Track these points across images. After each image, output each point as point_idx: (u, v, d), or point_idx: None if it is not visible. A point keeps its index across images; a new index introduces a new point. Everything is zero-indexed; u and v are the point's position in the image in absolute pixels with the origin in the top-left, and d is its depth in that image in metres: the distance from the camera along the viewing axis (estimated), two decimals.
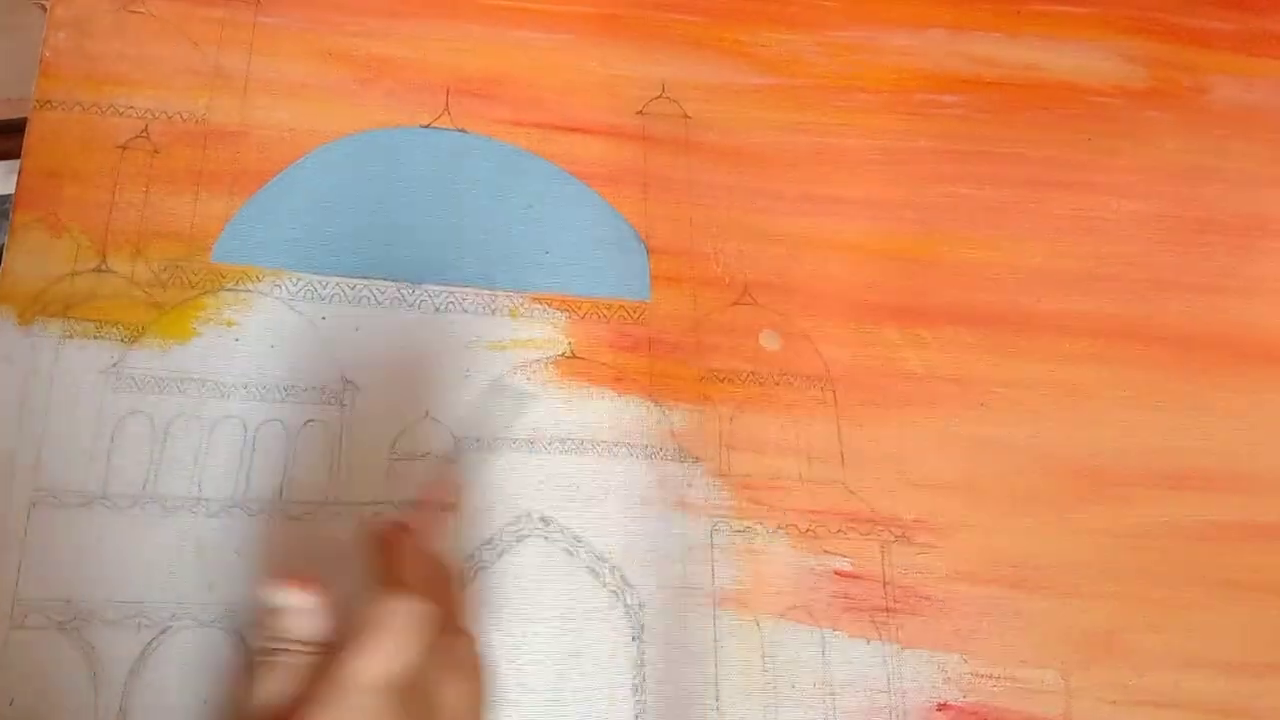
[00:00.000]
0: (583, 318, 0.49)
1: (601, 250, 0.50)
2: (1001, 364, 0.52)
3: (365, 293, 0.47)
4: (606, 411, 0.47)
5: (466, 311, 0.48)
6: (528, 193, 0.51)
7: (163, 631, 0.41)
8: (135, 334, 0.45)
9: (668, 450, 0.47)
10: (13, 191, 0.47)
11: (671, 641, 0.44)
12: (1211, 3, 0.60)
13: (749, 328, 0.50)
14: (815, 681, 0.45)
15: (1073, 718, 0.46)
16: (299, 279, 0.47)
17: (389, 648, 0.32)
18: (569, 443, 0.47)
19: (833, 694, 0.44)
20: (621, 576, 0.45)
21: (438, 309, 0.48)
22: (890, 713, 0.44)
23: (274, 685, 0.32)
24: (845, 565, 0.47)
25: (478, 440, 0.46)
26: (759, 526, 0.47)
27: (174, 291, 0.46)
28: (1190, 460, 0.51)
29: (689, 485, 0.47)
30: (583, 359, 0.48)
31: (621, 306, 0.50)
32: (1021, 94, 0.57)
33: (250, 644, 0.34)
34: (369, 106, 0.51)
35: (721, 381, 0.49)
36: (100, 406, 0.43)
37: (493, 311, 0.48)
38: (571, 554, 0.45)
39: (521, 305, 0.49)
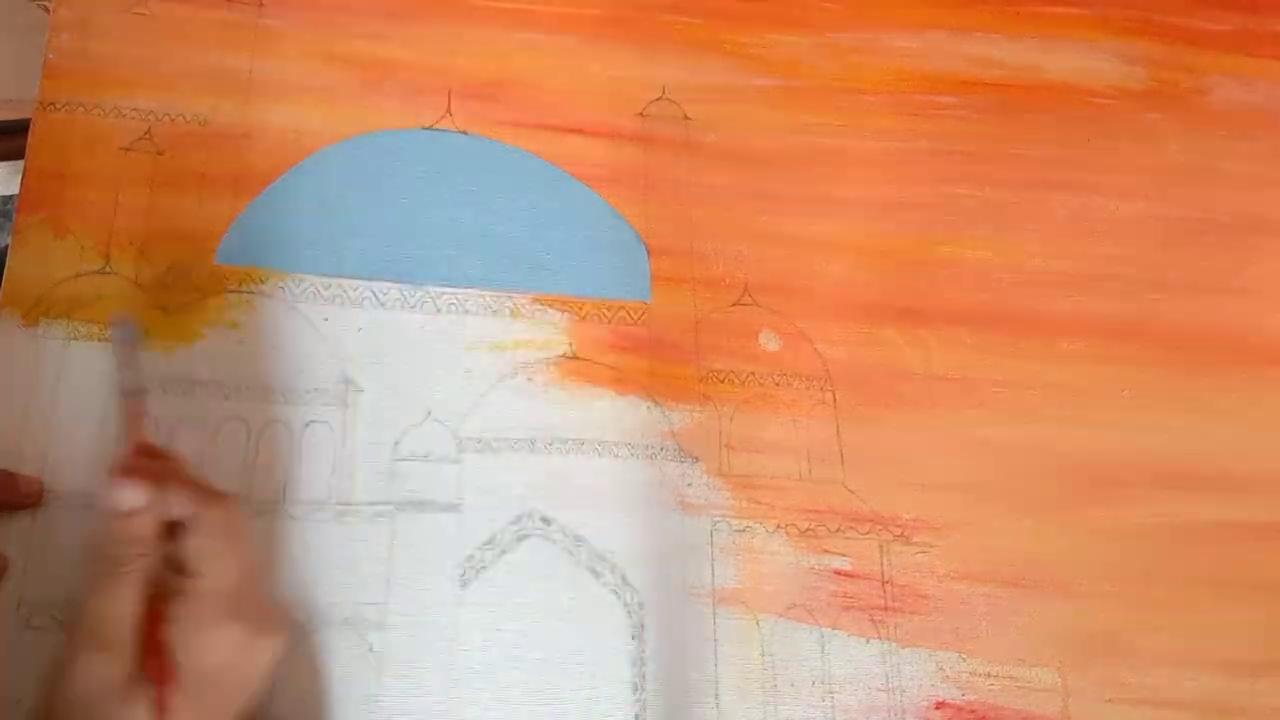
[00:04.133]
0: (584, 318, 0.49)
1: (602, 251, 0.51)
2: (1001, 364, 0.52)
3: (367, 294, 0.48)
4: (607, 412, 0.48)
5: (468, 312, 0.48)
6: (529, 194, 0.51)
7: None
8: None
9: (668, 450, 0.48)
10: (16, 192, 0.48)
11: (671, 640, 0.45)
12: (1210, 3, 0.60)
13: (749, 328, 0.51)
14: (814, 680, 0.45)
15: (1070, 716, 0.46)
16: (301, 280, 0.47)
17: (240, 551, 0.35)
18: (570, 443, 0.47)
19: (831, 692, 0.45)
20: (621, 576, 0.45)
21: (439, 310, 0.48)
22: (888, 711, 0.45)
23: (128, 595, 0.33)
24: (844, 564, 0.47)
25: (479, 441, 0.46)
26: (758, 526, 0.47)
27: (178, 294, 0.46)
28: (1189, 460, 0.52)
29: (689, 485, 0.47)
30: (584, 359, 0.49)
31: (622, 307, 0.50)
32: (1021, 95, 0.57)
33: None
34: (371, 108, 0.51)
35: (721, 382, 0.49)
36: (106, 409, 0.43)
37: (494, 312, 0.49)
38: (571, 553, 0.45)
39: (523, 306, 0.49)
